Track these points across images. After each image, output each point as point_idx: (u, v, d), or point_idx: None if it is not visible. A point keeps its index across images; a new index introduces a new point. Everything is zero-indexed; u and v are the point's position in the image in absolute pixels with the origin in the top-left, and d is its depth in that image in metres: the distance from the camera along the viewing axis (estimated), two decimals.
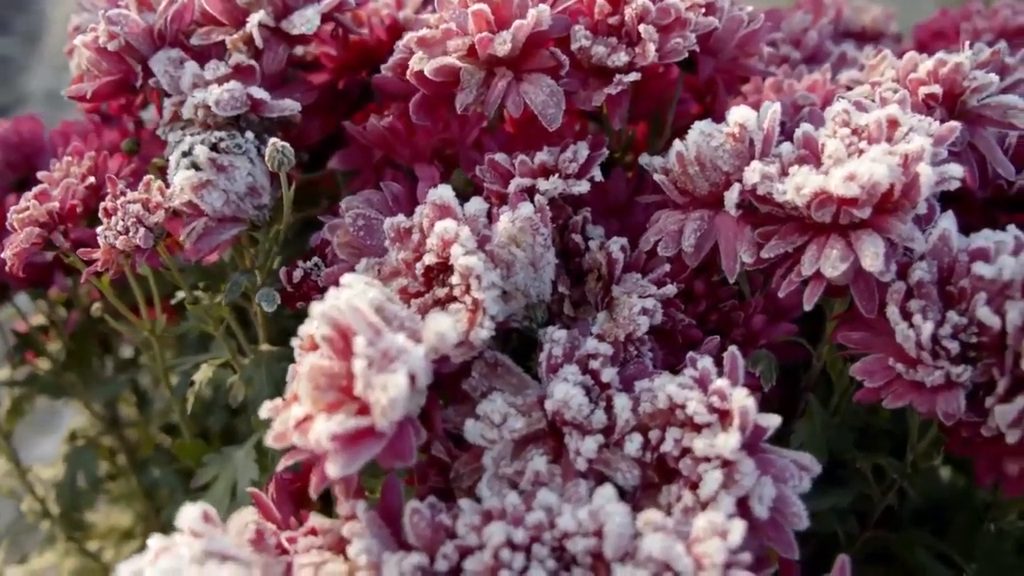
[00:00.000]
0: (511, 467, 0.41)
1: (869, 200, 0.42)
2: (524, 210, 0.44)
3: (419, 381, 0.38)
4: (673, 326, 0.47)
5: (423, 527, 0.38)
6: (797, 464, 0.41)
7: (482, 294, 0.41)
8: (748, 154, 0.45)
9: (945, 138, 0.47)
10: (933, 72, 0.51)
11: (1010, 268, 0.41)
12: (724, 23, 0.51)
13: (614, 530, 0.36)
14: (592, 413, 0.41)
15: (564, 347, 0.43)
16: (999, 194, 0.54)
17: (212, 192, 0.46)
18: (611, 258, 0.46)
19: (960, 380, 0.41)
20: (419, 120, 0.47)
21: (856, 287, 0.43)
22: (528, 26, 0.46)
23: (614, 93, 0.47)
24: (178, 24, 0.48)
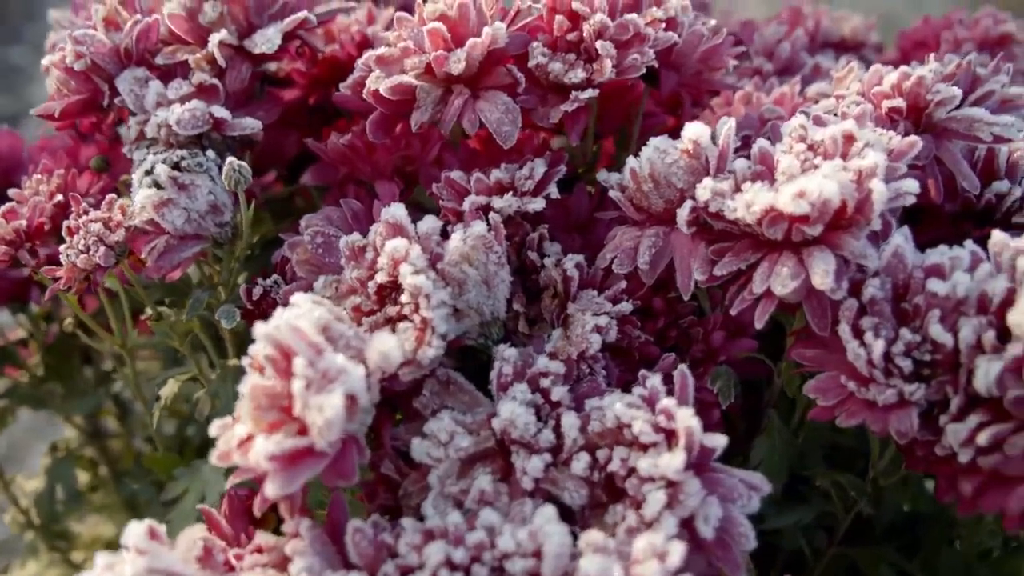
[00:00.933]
0: (457, 486, 0.40)
1: (821, 217, 0.41)
2: (476, 228, 0.44)
3: (360, 401, 0.38)
4: (630, 343, 0.47)
5: (365, 546, 0.38)
6: (746, 483, 0.40)
7: (431, 313, 0.41)
8: (702, 170, 0.45)
9: (904, 153, 0.46)
10: (897, 85, 0.51)
11: (964, 285, 0.41)
12: (685, 38, 0.50)
13: (552, 551, 0.36)
14: (540, 432, 0.41)
15: (514, 365, 0.43)
16: (968, 207, 0.53)
17: (173, 210, 0.46)
18: (566, 275, 0.46)
19: (913, 398, 0.41)
20: (376, 138, 0.47)
21: (808, 304, 0.42)
22: (483, 44, 0.45)
23: (570, 110, 0.47)
24: (144, 43, 0.49)
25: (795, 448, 0.49)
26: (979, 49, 0.72)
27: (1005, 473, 0.39)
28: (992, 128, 0.50)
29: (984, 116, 0.51)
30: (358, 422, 0.39)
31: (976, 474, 0.40)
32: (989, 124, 0.50)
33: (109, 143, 0.57)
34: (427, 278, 0.42)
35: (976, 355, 0.40)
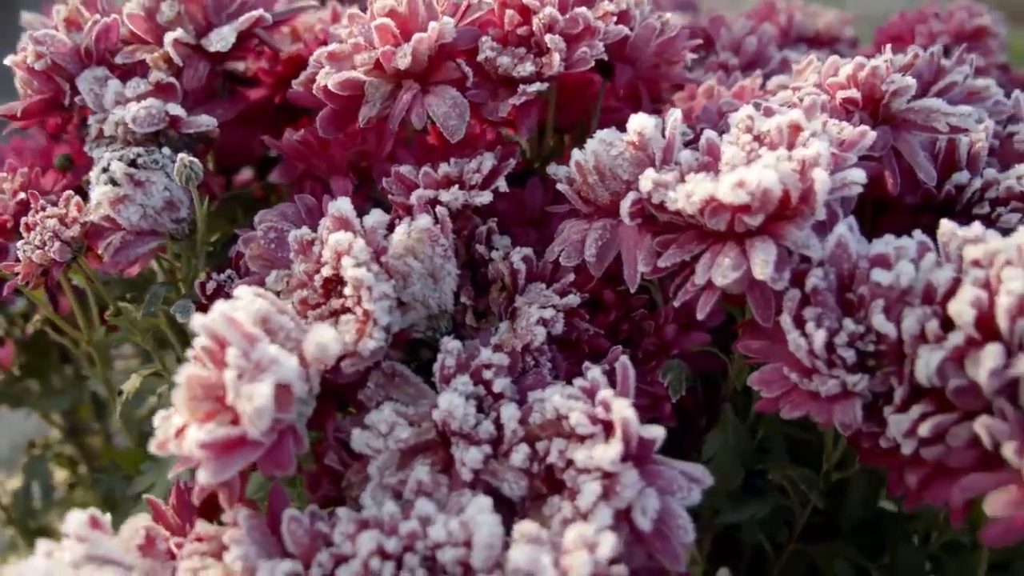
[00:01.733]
0: (395, 476, 0.40)
1: (763, 207, 0.41)
2: (421, 221, 0.44)
3: (295, 391, 0.38)
4: (578, 336, 0.47)
5: (300, 535, 0.38)
6: (687, 476, 0.40)
7: (372, 305, 0.42)
8: (648, 162, 0.45)
9: (855, 143, 0.46)
10: (852, 76, 0.50)
11: (908, 275, 0.40)
12: (637, 31, 0.50)
13: (482, 540, 0.36)
14: (479, 424, 0.41)
15: (457, 357, 0.43)
16: (929, 199, 0.53)
17: (129, 207, 0.47)
18: (513, 268, 0.46)
19: (856, 389, 0.40)
20: (327, 134, 0.48)
21: (752, 296, 0.42)
22: (429, 39, 0.46)
23: (518, 104, 0.47)
24: (104, 43, 0.49)
25: (749, 442, 0.49)
26: (954, 42, 0.71)
27: (948, 465, 0.39)
28: (949, 119, 0.50)
29: (941, 107, 0.50)
30: (294, 412, 0.39)
31: (921, 466, 0.40)
32: (946, 114, 0.50)
33: (80, 142, 0.58)
34: (369, 271, 0.42)
35: (920, 345, 0.39)
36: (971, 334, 0.38)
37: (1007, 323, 0.37)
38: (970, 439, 0.38)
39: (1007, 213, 0.51)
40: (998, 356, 0.37)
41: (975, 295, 0.38)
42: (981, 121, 0.53)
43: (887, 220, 0.54)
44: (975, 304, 0.38)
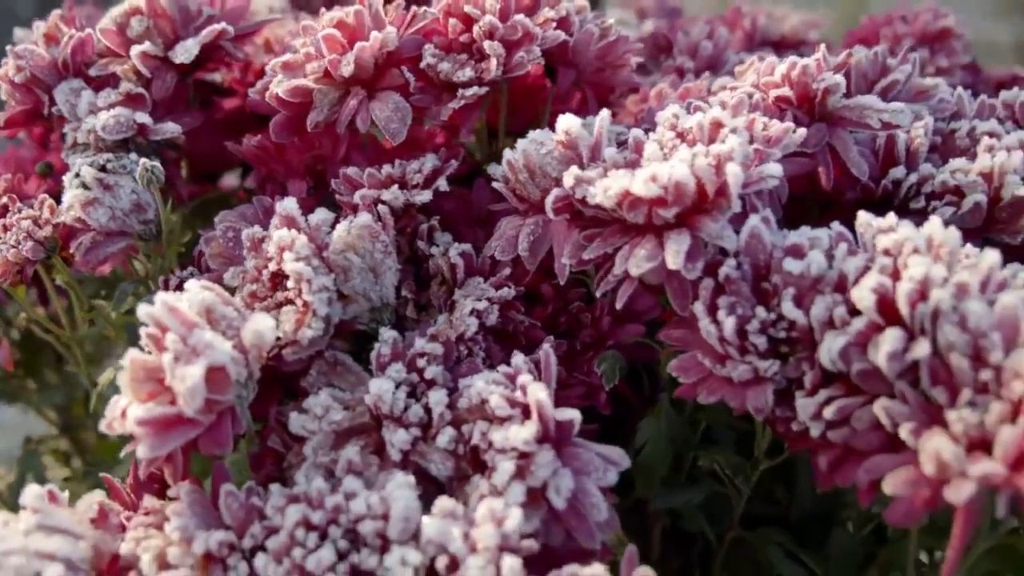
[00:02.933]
0: (328, 456, 0.43)
1: (678, 200, 0.43)
2: (361, 219, 0.47)
3: (231, 373, 0.40)
4: (515, 327, 0.49)
5: (236, 508, 0.41)
6: (603, 458, 0.42)
7: (311, 296, 0.44)
8: (576, 160, 0.47)
9: (779, 139, 0.47)
10: (786, 75, 0.52)
11: (818, 264, 0.42)
12: (577, 37, 0.53)
13: (398, 513, 0.38)
14: (409, 408, 0.43)
15: (392, 346, 0.45)
16: (869, 195, 0.54)
17: (98, 209, 0.50)
18: (451, 263, 0.49)
19: (768, 375, 0.42)
20: (280, 139, 0.51)
21: (670, 286, 0.44)
22: (371, 47, 0.49)
23: (457, 107, 0.49)
24: (80, 56, 0.53)
25: (683, 430, 0.50)
26: (919, 44, 0.72)
27: (855, 446, 0.40)
28: (881, 115, 0.51)
29: (874, 104, 0.52)
30: (231, 395, 0.41)
31: (831, 449, 0.41)
32: (879, 111, 0.51)
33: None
34: (308, 265, 0.45)
35: (827, 331, 0.41)
36: (873, 319, 0.39)
37: (907, 308, 0.38)
38: (874, 421, 0.39)
39: (941, 206, 0.52)
40: (897, 340, 0.38)
41: (878, 281, 0.39)
42: (920, 118, 0.54)
43: (830, 216, 0.55)
44: (877, 290, 0.39)
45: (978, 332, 0.38)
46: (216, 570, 0.39)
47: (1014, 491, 0.35)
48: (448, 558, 0.37)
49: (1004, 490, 0.35)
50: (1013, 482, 0.35)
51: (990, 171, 0.51)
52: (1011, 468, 0.35)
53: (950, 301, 0.38)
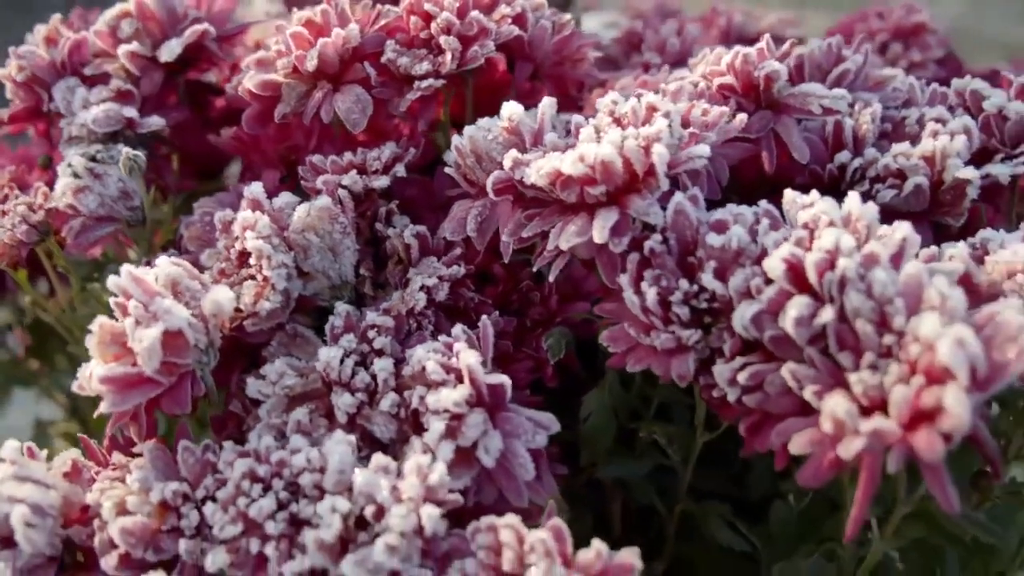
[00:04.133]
0: (280, 418, 0.46)
1: (608, 179, 0.45)
2: (320, 201, 0.50)
3: (187, 338, 0.44)
4: (466, 304, 0.52)
5: (192, 462, 0.44)
6: (534, 422, 0.45)
7: (270, 272, 0.48)
8: (520, 145, 0.50)
9: (715, 123, 0.50)
10: (731, 64, 0.54)
11: (739, 237, 0.44)
12: (533, 32, 0.56)
13: (334, 466, 0.42)
14: (356, 374, 0.47)
15: (346, 318, 0.49)
16: (817, 179, 0.56)
17: (88, 195, 0.55)
18: (406, 244, 0.52)
19: (690, 343, 0.44)
20: (252, 130, 0.55)
21: (600, 260, 0.46)
22: (334, 43, 0.52)
23: (413, 99, 0.53)
24: (76, 56, 0.58)
25: (628, 402, 0.52)
26: (893, 38, 0.73)
27: (770, 411, 0.42)
28: (822, 101, 0.53)
29: (816, 90, 0.54)
30: (192, 359, 0.45)
31: (750, 414, 0.43)
32: (819, 97, 0.53)
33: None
34: (268, 243, 0.48)
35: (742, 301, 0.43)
36: (784, 287, 0.41)
37: (815, 276, 0.40)
38: (785, 386, 0.41)
39: (884, 189, 0.53)
40: (804, 307, 0.40)
41: (790, 251, 0.41)
42: (868, 105, 0.56)
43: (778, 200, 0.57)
44: (787, 259, 0.41)
45: (883, 299, 0.40)
46: (171, 517, 0.43)
47: (906, 448, 0.37)
48: (375, 507, 0.40)
49: (897, 447, 0.37)
50: (906, 440, 0.37)
51: (932, 155, 0.53)
52: (904, 426, 0.37)
53: (856, 269, 0.40)
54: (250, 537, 0.42)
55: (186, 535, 0.43)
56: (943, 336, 0.36)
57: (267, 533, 0.41)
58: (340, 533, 0.40)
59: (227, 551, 0.42)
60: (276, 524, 0.41)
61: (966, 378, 0.36)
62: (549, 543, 0.38)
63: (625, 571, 0.38)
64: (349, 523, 0.41)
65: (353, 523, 0.41)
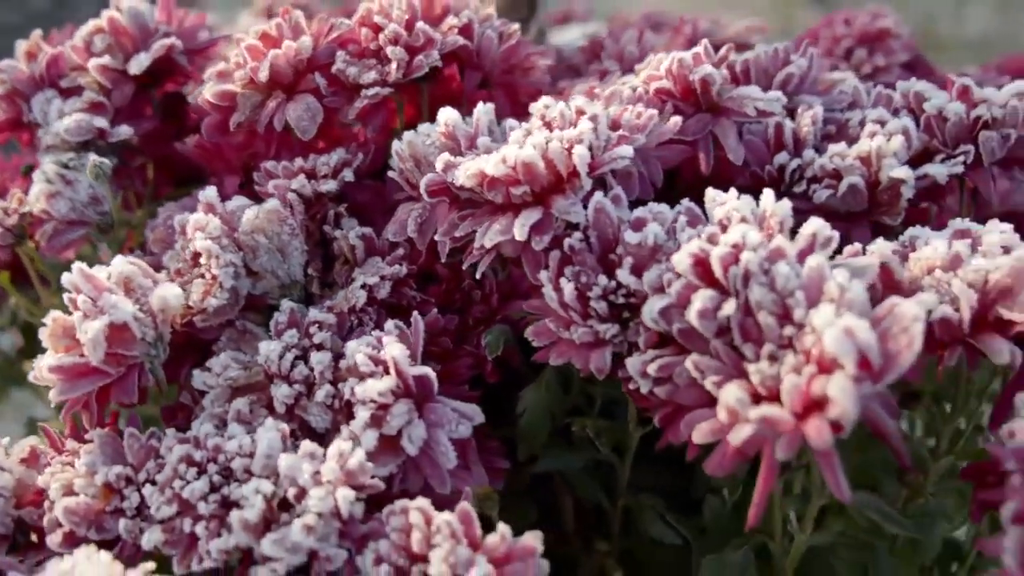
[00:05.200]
0: (222, 408, 0.49)
1: (529, 179, 0.48)
2: (269, 204, 0.54)
3: (134, 332, 0.48)
4: (409, 303, 0.54)
5: (137, 448, 0.48)
6: (458, 412, 0.47)
7: (218, 271, 0.51)
8: (455, 148, 0.52)
9: (643, 127, 0.52)
10: (668, 69, 0.56)
11: (655, 234, 0.46)
12: (480, 42, 0.59)
13: (262, 451, 0.44)
14: (295, 367, 0.49)
15: (290, 315, 0.52)
16: (757, 181, 0.57)
17: (59, 201, 0.59)
18: (351, 245, 0.55)
19: (607, 337, 0.46)
20: (211, 139, 0.59)
21: (525, 258, 0.49)
22: (285, 55, 0.56)
23: (360, 107, 0.56)
24: (54, 70, 0.63)
25: (564, 399, 0.54)
26: (858, 44, 0.75)
27: (680, 402, 0.44)
28: (756, 103, 0.55)
29: (752, 93, 0.56)
30: (139, 351, 0.48)
31: (664, 406, 0.45)
32: (755, 99, 0.55)
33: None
34: (217, 243, 0.52)
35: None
36: (691, 281, 0.43)
37: (721, 270, 0.42)
38: (692, 378, 0.43)
39: (820, 189, 0.55)
40: (707, 299, 0.42)
41: (698, 246, 0.43)
42: (811, 107, 0.58)
43: None
44: (694, 254, 0.43)
45: (785, 292, 0.41)
46: (115, 499, 0.46)
47: (797, 436, 0.38)
48: (297, 489, 0.43)
49: (787, 435, 0.38)
50: (798, 428, 0.38)
51: (868, 155, 0.54)
52: (796, 415, 0.39)
53: (760, 263, 0.42)
54: (184, 517, 0.44)
55: (127, 515, 0.46)
56: (831, 326, 0.38)
57: (199, 513, 0.44)
58: (264, 513, 0.43)
59: (162, 530, 0.44)
60: (208, 505, 0.44)
61: (853, 367, 0.37)
62: (455, 525, 0.40)
63: (528, 553, 0.40)
64: (273, 504, 0.43)
65: (277, 505, 0.43)
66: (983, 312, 0.46)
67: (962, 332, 0.46)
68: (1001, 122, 0.56)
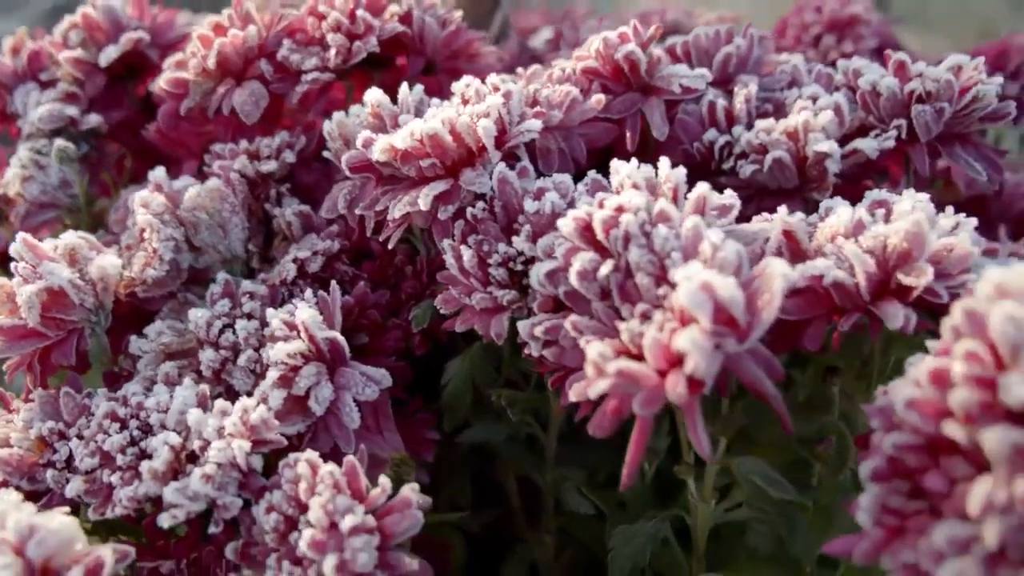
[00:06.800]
0: (153, 371, 0.54)
1: (440, 154, 0.51)
2: (210, 183, 0.58)
3: (71, 297, 0.52)
4: (341, 277, 0.58)
5: (72, 406, 0.52)
6: (367, 376, 0.50)
7: (158, 244, 0.56)
8: (381, 127, 0.56)
9: (560, 103, 0.54)
10: (597, 50, 0.59)
11: (552, 202, 0.48)
12: (421, 28, 0.62)
13: (175, 408, 0.48)
14: (222, 334, 0.53)
15: (224, 286, 0.56)
16: (688, 158, 0.59)
17: (32, 184, 0.65)
18: (287, 221, 0.59)
19: (504, 303, 0.48)
20: (166, 125, 0.64)
21: (435, 228, 0.51)
22: (231, 43, 0.60)
23: (301, 91, 0.60)
24: (35, 64, 0.69)
25: (488, 371, 0.57)
26: (827, 30, 0.75)
27: (567, 364, 0.46)
28: (681, 80, 0.57)
29: (678, 71, 0.58)
30: (78, 317, 0.53)
31: (559, 371, 0.47)
32: (680, 77, 0.57)
33: None
34: (159, 219, 0.56)
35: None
36: (575, 244, 0.45)
37: (603, 233, 0.44)
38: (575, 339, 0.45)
39: (746, 165, 0.56)
40: (586, 261, 0.44)
41: (584, 211, 0.45)
42: (746, 86, 0.59)
43: None
44: (578, 218, 0.45)
45: (663, 253, 0.43)
46: (48, 452, 0.51)
47: (655, 391, 0.40)
48: (202, 442, 0.47)
49: (647, 390, 0.40)
50: (658, 383, 0.40)
51: (795, 130, 0.55)
52: (658, 371, 0.40)
53: (639, 225, 0.44)
54: (104, 468, 0.49)
55: (56, 467, 0.50)
56: (687, 280, 0.39)
57: (117, 465, 0.48)
58: (171, 464, 0.47)
59: (84, 480, 0.49)
60: (125, 457, 0.48)
61: (708, 321, 0.39)
62: (337, 475, 0.43)
63: (406, 505, 0.43)
64: (181, 456, 0.47)
65: (186, 457, 0.47)
66: (885, 278, 0.46)
67: (862, 299, 0.46)
68: (935, 96, 0.56)
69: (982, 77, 0.57)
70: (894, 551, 0.37)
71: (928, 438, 0.38)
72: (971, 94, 0.56)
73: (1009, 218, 0.69)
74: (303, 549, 0.42)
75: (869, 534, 0.38)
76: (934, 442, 0.38)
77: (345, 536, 0.41)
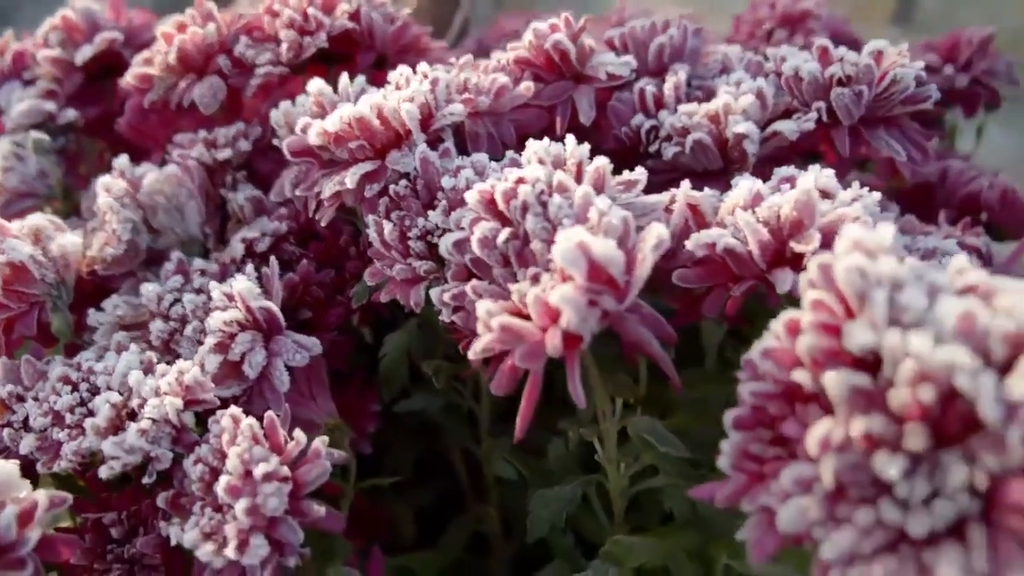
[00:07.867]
0: (108, 340, 0.59)
1: (368, 136, 0.56)
2: (168, 168, 0.64)
3: (32, 271, 0.58)
4: (288, 256, 0.63)
5: (31, 372, 0.58)
6: (297, 344, 0.55)
7: (117, 225, 0.62)
8: (322, 115, 0.61)
9: (488, 89, 0.59)
10: (529, 40, 0.63)
11: (466, 179, 0.53)
12: (369, 25, 0.68)
13: (119, 370, 0.54)
14: (172, 307, 0.59)
15: (177, 264, 0.61)
16: (619, 143, 0.63)
17: (12, 175, 0.72)
18: (240, 206, 0.64)
19: (422, 273, 0.53)
20: (133, 118, 0.70)
21: (364, 206, 0.56)
22: (191, 40, 0.67)
23: (254, 85, 0.66)
24: (20, 63, 0.76)
25: (425, 342, 0.61)
26: (779, 26, 0.79)
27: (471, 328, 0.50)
28: (607, 68, 0.61)
29: (605, 59, 0.62)
30: (39, 291, 0.59)
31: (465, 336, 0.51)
32: (605, 64, 0.61)
33: None
34: (117, 201, 0.62)
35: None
36: (479, 214, 0.50)
37: (504, 203, 0.49)
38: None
39: (669, 147, 0.60)
40: (486, 229, 0.48)
41: (490, 184, 0.50)
42: (676, 74, 0.63)
43: None
44: (482, 191, 0.50)
45: (556, 220, 0.47)
46: (7, 414, 0.57)
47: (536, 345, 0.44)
48: (140, 400, 0.52)
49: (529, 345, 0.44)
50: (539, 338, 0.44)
51: (716, 113, 0.59)
52: (541, 328, 0.44)
53: (536, 195, 0.48)
54: (55, 427, 0.54)
55: (13, 427, 0.56)
56: (564, 240, 0.44)
57: (66, 423, 0.54)
58: (112, 420, 0.52)
59: (36, 438, 0.54)
60: (73, 416, 0.54)
61: (582, 278, 0.43)
62: (255, 428, 0.48)
63: (316, 455, 0.48)
64: (122, 414, 0.52)
65: (126, 415, 0.53)
66: (780, 247, 0.50)
67: (757, 267, 0.50)
68: (855, 79, 0.60)
69: (903, 61, 0.60)
70: (752, 495, 0.41)
71: (785, 386, 0.41)
72: (889, 77, 0.59)
73: (953, 204, 0.71)
74: (220, 495, 0.47)
75: (731, 479, 0.42)
76: (791, 390, 0.41)
77: (258, 482, 0.46)
